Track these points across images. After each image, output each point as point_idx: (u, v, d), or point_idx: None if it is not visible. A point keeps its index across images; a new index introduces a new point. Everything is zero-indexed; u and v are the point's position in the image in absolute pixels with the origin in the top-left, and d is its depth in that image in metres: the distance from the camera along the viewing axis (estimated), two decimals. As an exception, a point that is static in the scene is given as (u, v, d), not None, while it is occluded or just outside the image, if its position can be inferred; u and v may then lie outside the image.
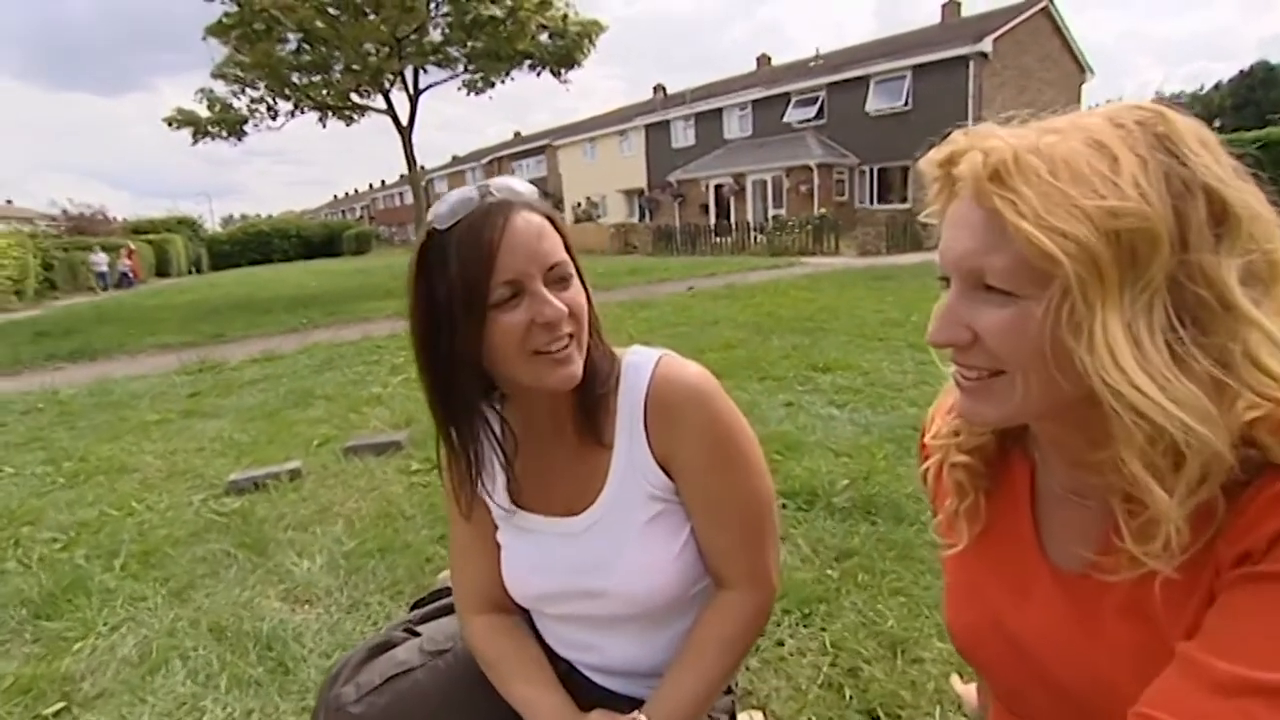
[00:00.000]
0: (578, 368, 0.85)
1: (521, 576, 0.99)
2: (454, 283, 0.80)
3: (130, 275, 24.60)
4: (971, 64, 21.60)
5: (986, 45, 21.37)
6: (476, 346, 0.83)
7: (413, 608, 1.28)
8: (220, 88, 16.82)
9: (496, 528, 1.03)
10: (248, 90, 16.74)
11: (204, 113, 17.06)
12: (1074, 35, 25.12)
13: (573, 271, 0.85)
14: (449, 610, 1.15)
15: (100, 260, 23.47)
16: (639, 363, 0.93)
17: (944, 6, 27.03)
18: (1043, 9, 23.55)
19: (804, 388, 4.35)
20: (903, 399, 3.95)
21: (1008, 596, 0.71)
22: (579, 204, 36.14)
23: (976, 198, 0.55)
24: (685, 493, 0.94)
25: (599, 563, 0.94)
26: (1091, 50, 25.58)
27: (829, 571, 2.12)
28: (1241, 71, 49.45)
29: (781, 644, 1.79)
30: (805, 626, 1.87)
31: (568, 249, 0.86)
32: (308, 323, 9.66)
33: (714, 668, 0.93)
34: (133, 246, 26.28)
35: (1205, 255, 0.50)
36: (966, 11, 26.82)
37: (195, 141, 17.20)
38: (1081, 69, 25.94)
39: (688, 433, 0.90)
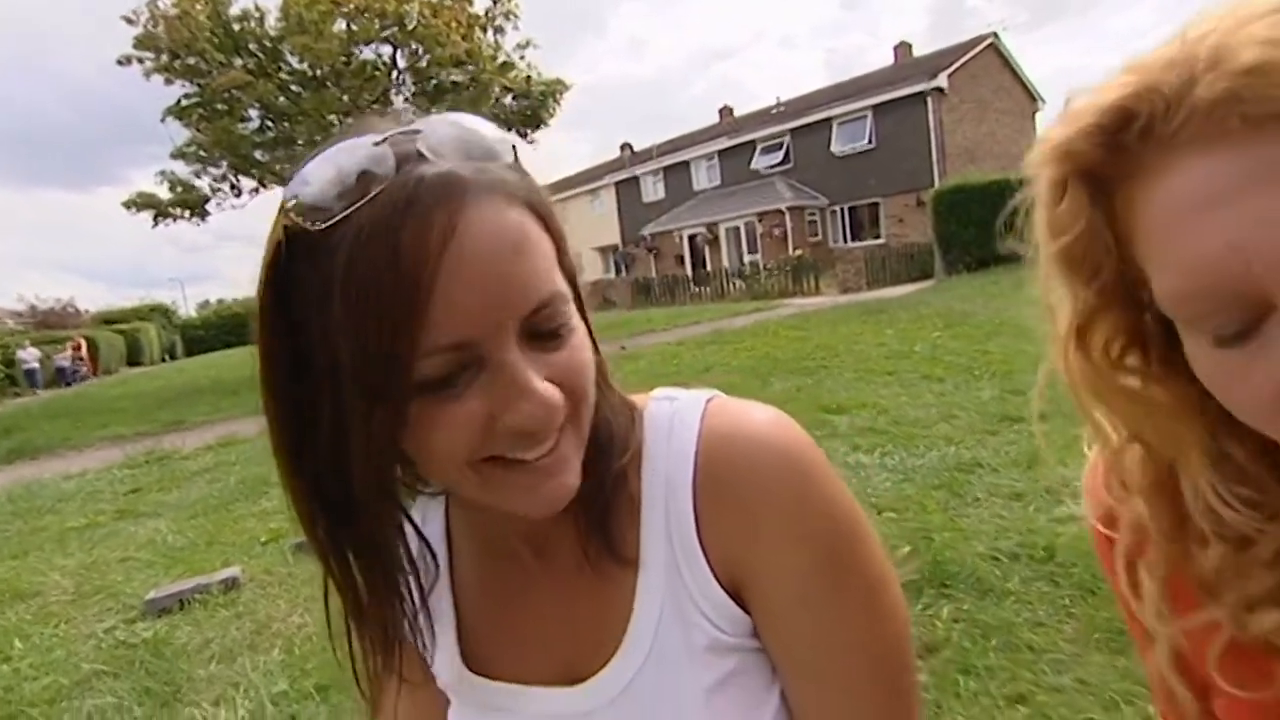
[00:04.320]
0: (575, 475, 0.49)
1: None
2: (339, 343, 0.41)
3: (71, 370, 22.67)
4: (930, 100, 22.24)
5: (942, 81, 22.05)
6: (386, 443, 0.45)
7: None
8: (181, 168, 16.70)
9: (447, 704, 0.61)
10: (209, 169, 16.60)
11: (165, 194, 16.85)
12: (1023, 68, 26.14)
13: (571, 310, 0.47)
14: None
15: (29, 356, 20.95)
16: (677, 414, 0.56)
17: (896, 48, 28.15)
18: (990, 45, 24.52)
19: (820, 433, 3.88)
20: (936, 436, 3.48)
21: None
22: (555, 264, 36.35)
23: None
24: (773, 636, 0.54)
25: None
26: (1043, 81, 26.65)
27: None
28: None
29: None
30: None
31: (562, 259, 0.49)
32: (273, 402, 9.12)
33: None
34: (80, 340, 24.55)
35: None
36: (916, 52, 27.84)
37: (156, 224, 16.90)
38: (1033, 99, 26.88)
39: (775, 528, 0.52)
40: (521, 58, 16.36)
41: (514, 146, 0.47)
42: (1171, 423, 0.37)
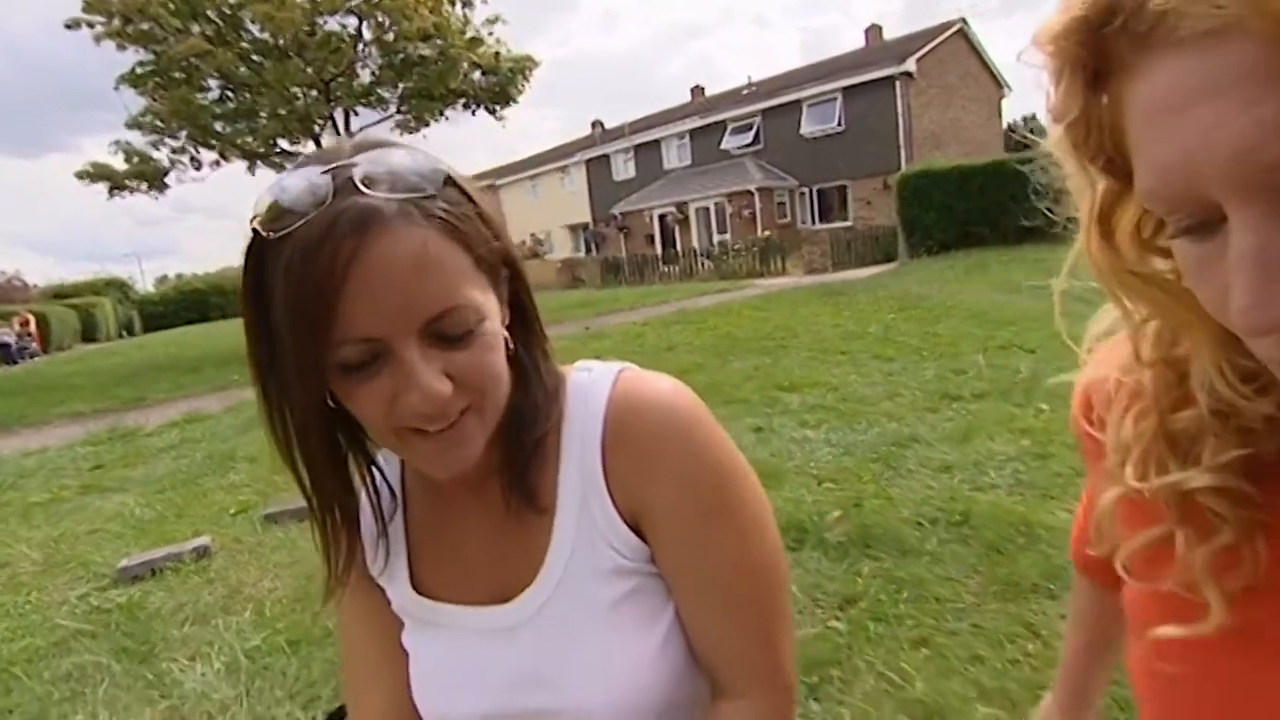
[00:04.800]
0: (473, 450, 0.59)
1: (437, 694, 0.70)
2: (281, 326, 0.53)
3: (19, 348, 21.22)
4: (898, 84, 22.42)
5: (911, 65, 22.23)
6: (316, 409, 0.57)
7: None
8: (137, 139, 16.07)
9: (402, 626, 0.73)
10: (167, 140, 16.03)
11: (120, 165, 16.25)
12: (990, 55, 26.44)
13: (480, 318, 0.56)
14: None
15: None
16: (591, 382, 0.68)
17: (867, 31, 28.28)
18: (958, 30, 24.75)
19: (771, 410, 4.07)
20: (879, 413, 3.69)
21: None
22: (524, 242, 36.02)
23: (1247, 20, 0.26)
24: (665, 561, 0.66)
25: (545, 670, 0.66)
26: (1011, 68, 27.04)
27: (834, 624, 1.79)
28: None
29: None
30: (817, 700, 1.52)
31: (501, 252, 0.60)
32: (238, 379, 9.02)
33: None
34: (27, 315, 23.22)
35: None
36: (887, 35, 28.01)
37: (111, 196, 16.26)
38: (999, 85, 27.25)
39: (668, 475, 0.64)
40: (490, 33, 16.03)
41: (447, 175, 0.57)
42: (1184, 304, 0.37)
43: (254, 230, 0.53)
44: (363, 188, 0.51)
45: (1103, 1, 0.30)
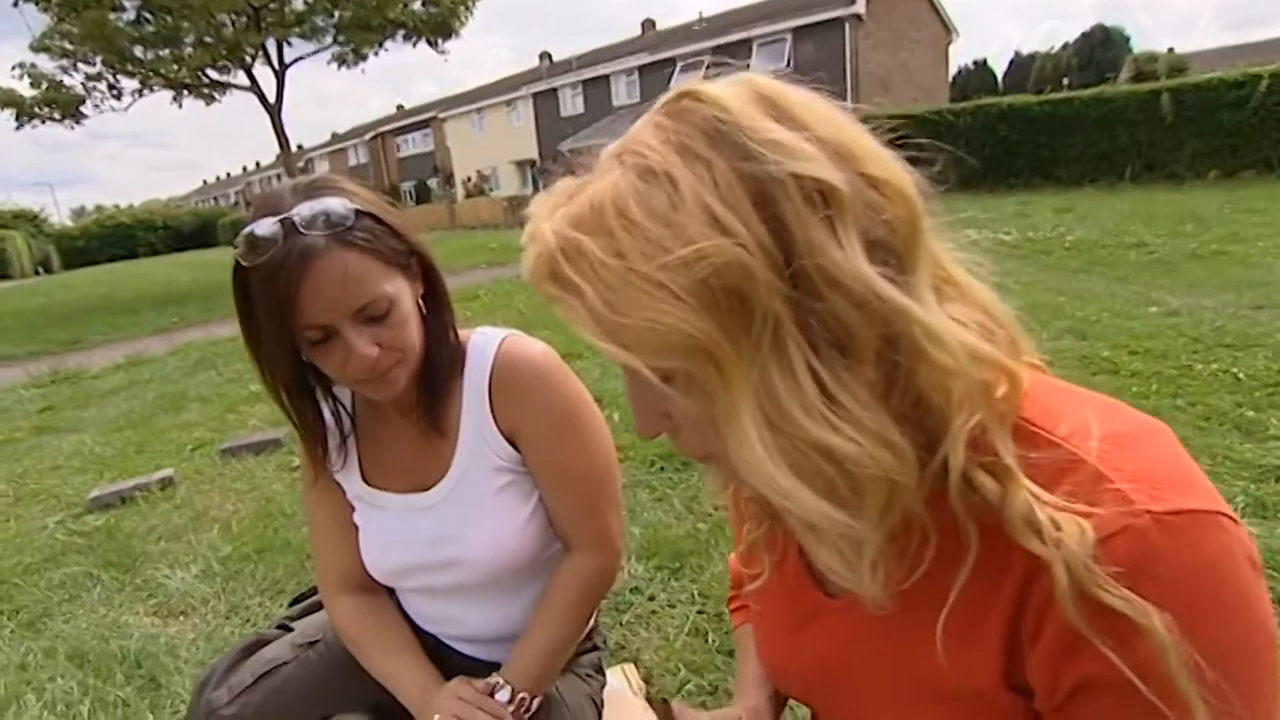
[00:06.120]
0: (399, 384, 0.88)
1: (377, 553, 1.01)
2: (263, 321, 0.81)
3: None
4: (847, 25, 22.29)
5: (860, 7, 22.04)
6: (296, 361, 0.87)
7: (292, 604, 1.28)
8: (45, 62, 14.91)
9: (353, 509, 1.04)
10: (80, 66, 14.96)
11: (27, 91, 15.09)
12: (940, -1, 26.37)
13: (393, 302, 0.84)
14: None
15: None
16: (483, 344, 0.97)
17: (819, -32, 27.70)
18: (908, -29, 24.56)
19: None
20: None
21: (799, 626, 0.65)
22: (469, 178, 34.96)
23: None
24: (530, 463, 0.98)
25: (452, 534, 0.97)
26: (958, 12, 27.01)
27: (699, 525, 2.26)
28: (1083, 33, 53.76)
29: (653, 599, 1.91)
30: (676, 580, 1.99)
31: (407, 250, 0.86)
32: (179, 321, 8.97)
33: (561, 628, 0.98)
34: None
35: (827, 253, 0.38)
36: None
37: (20, 125, 15.23)
38: (948, 30, 27.34)
39: (530, 407, 0.95)
40: (430, -40, 15.28)
41: (359, 211, 0.80)
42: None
43: (237, 261, 0.80)
44: (303, 230, 0.77)
45: None
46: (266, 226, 0.77)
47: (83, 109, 15.53)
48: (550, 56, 35.34)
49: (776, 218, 0.38)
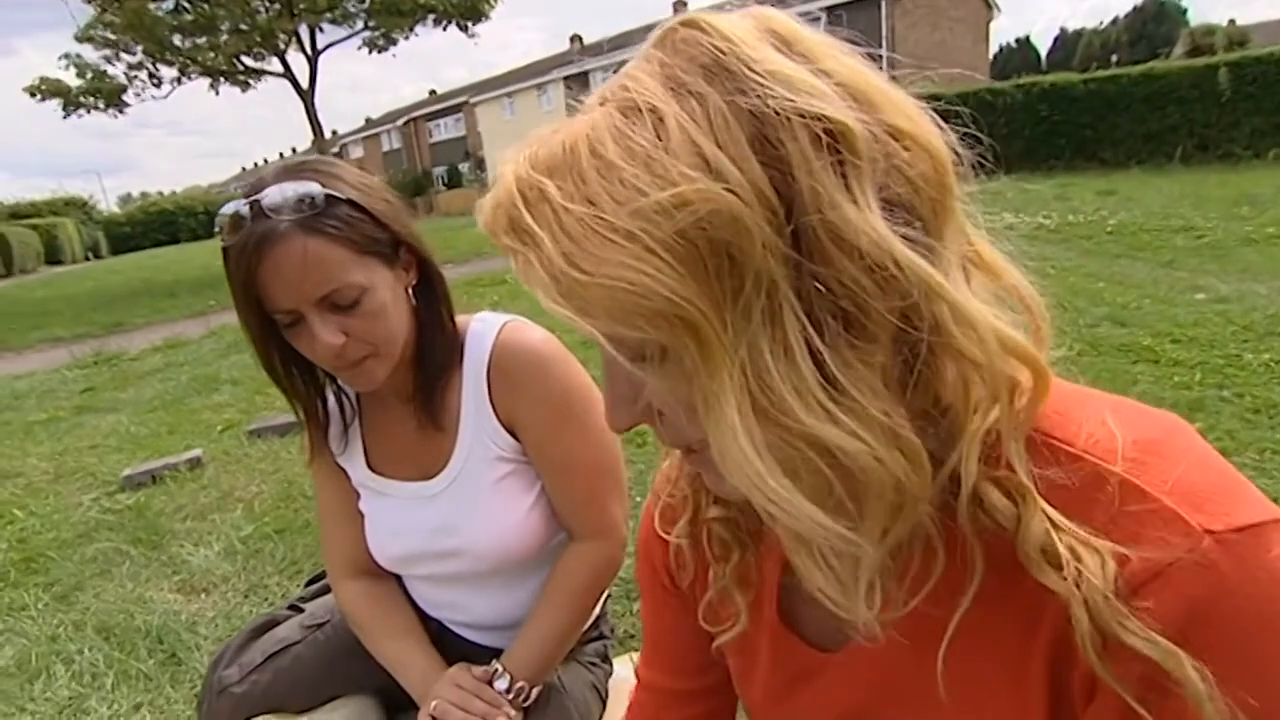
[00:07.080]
0: (376, 378, 0.86)
1: (382, 540, 1.01)
2: (237, 299, 0.80)
3: None
4: (883, 3, 21.78)
5: (897, -17, 21.58)
6: (271, 345, 0.85)
7: (308, 584, 1.29)
8: (89, 52, 15.31)
9: (358, 496, 1.03)
10: (123, 55, 15.31)
11: (73, 81, 15.51)
12: (980, -28, 25.57)
13: (363, 292, 0.80)
14: (335, 586, 1.17)
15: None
16: (482, 331, 0.94)
17: (855, -55, 27.03)
18: (948, -55, 23.84)
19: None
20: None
21: (785, 691, 0.55)
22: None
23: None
24: (531, 452, 0.96)
25: (454, 524, 0.95)
26: (999, -13, 26.17)
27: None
28: (1135, 7, 51.64)
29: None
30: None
31: (393, 241, 0.83)
32: (215, 305, 9.16)
33: (563, 617, 0.97)
34: None
35: (838, 207, 0.31)
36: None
37: (67, 114, 15.68)
38: (989, 6, 26.49)
39: (528, 396, 0.92)
40: (460, -57, 15.24)
41: (333, 197, 0.78)
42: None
43: (220, 238, 0.79)
44: (268, 213, 0.75)
45: None
46: (235, 207, 0.77)
47: (125, 98, 15.92)
48: (581, 39, 35.21)
49: (779, 162, 0.31)
